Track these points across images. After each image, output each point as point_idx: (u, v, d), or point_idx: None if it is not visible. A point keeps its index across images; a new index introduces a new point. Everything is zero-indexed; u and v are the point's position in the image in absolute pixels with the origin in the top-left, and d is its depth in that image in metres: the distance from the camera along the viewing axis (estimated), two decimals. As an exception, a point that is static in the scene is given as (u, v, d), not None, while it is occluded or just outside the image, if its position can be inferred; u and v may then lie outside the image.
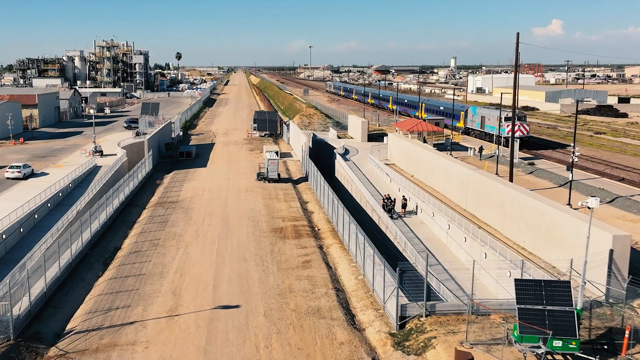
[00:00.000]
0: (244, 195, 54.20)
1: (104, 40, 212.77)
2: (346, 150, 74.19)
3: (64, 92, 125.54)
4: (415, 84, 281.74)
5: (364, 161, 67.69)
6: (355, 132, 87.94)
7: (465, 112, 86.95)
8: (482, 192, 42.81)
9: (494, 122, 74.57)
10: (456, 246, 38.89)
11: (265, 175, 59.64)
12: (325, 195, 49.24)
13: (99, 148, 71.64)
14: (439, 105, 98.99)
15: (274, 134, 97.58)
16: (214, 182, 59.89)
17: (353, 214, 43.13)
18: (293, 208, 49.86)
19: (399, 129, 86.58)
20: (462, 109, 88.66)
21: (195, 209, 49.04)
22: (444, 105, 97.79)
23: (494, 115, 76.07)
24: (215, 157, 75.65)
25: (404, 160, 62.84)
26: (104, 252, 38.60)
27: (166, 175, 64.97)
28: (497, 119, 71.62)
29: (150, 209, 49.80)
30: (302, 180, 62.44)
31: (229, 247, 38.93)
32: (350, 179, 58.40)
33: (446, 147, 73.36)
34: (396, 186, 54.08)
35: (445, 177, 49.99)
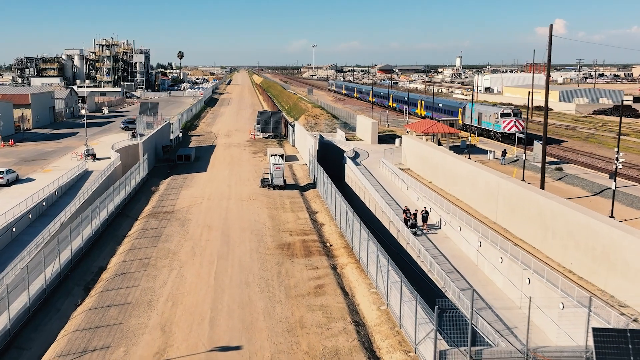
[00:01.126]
0: (246, 204, 49.27)
1: (104, 39, 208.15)
2: (356, 154, 69.24)
3: (59, 92, 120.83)
4: (420, 83, 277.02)
5: (376, 165, 62.73)
6: (365, 134, 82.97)
7: (463, 108, 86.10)
8: (516, 203, 37.78)
9: (490, 118, 75.21)
10: (490, 267, 33.89)
11: (270, 182, 54.73)
12: (336, 205, 44.28)
13: (91, 151, 66.84)
14: (438, 103, 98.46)
15: (278, 135, 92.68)
16: (214, 189, 54.99)
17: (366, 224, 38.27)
18: (301, 219, 44.88)
19: (411, 130, 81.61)
20: (460, 106, 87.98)
21: (192, 220, 44.11)
22: (443, 103, 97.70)
23: (490, 111, 76.90)
24: (216, 161, 70.75)
25: (420, 164, 57.85)
26: (87, 273, 33.70)
27: (163, 181, 60.08)
28: (493, 115, 73.61)
29: (143, 220, 44.90)
30: (310, 186, 57.48)
31: (229, 267, 33.99)
32: (363, 186, 53.44)
33: (463, 150, 68.45)
34: (414, 194, 49.10)
35: (471, 185, 44.96)
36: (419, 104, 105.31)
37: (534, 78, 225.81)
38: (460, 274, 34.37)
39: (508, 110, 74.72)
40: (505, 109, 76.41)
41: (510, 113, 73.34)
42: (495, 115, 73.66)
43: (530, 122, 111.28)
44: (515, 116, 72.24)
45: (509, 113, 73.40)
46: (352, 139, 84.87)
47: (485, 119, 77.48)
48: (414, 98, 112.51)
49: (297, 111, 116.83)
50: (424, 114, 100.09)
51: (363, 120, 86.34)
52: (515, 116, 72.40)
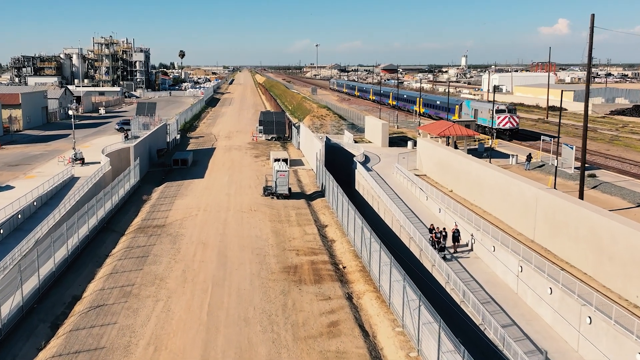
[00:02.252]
0: (247, 216, 43.98)
1: (102, 37, 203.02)
2: (366, 158, 63.92)
3: (53, 91, 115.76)
4: (426, 83, 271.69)
5: (389, 171, 57.44)
6: (374, 136, 77.64)
7: (459, 105, 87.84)
8: (561, 220, 32.42)
9: (485, 114, 76.46)
10: (534, 298, 28.55)
11: (273, 190, 49.46)
12: (348, 219, 38.97)
13: (80, 155, 61.66)
14: (436, 100, 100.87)
15: (281, 137, 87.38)
16: (211, 198, 49.71)
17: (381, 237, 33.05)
18: (309, 235, 39.58)
19: (424, 132, 76.26)
20: (457, 103, 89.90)
21: (185, 236, 38.83)
22: (440, 100, 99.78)
23: (485, 108, 78.02)
24: (214, 166, 65.48)
25: (439, 171, 52.53)
26: (57, 305, 28.45)
27: (156, 189, 54.84)
28: (488, 111, 74.49)
29: (130, 235, 39.64)
30: (318, 195, 52.16)
31: (225, 297, 28.72)
32: (376, 195, 48.13)
33: (481, 154, 63.11)
34: (434, 205, 43.78)
35: (502, 196, 39.59)
36: (417, 102, 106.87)
37: (543, 77, 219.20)
38: (497, 304, 29.06)
39: (503, 107, 75.67)
40: (500, 105, 77.33)
41: (505, 109, 74.61)
42: (490, 111, 73.88)
43: (545, 122, 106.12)
44: (509, 112, 73.88)
45: (503, 109, 74.52)
46: (360, 141, 79.58)
47: (481, 116, 78.72)
48: (412, 96, 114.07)
49: (302, 111, 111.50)
50: (422, 111, 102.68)
51: (372, 122, 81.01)
52: (510, 112, 73.98)
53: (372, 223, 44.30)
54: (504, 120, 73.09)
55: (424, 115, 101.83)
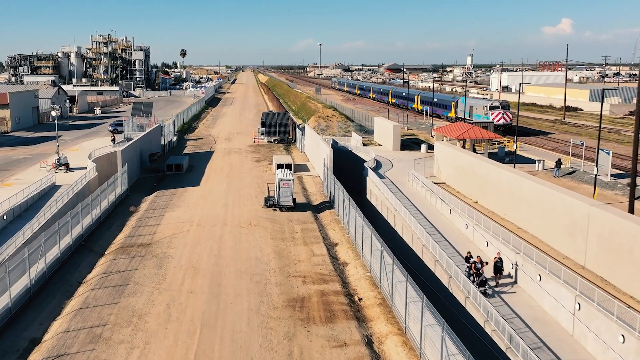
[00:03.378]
0: (246, 232, 38.53)
1: (101, 35, 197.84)
2: (378, 163, 58.45)
3: (45, 90, 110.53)
4: (431, 82, 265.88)
5: (404, 178, 51.97)
6: (385, 138, 72.15)
7: (455, 102, 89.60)
8: (622, 244, 26.92)
9: (480, 111, 78.91)
10: (598, 344, 23.07)
11: (276, 202, 44.00)
12: (363, 237, 33.50)
13: (64, 160, 56.29)
14: (434, 97, 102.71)
15: (285, 139, 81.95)
16: (206, 210, 44.28)
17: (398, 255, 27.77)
18: (317, 256, 34.11)
19: (439, 134, 70.74)
20: (453, 100, 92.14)
21: (173, 258, 33.41)
22: (438, 97, 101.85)
23: (480, 104, 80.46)
24: (212, 172, 60.05)
25: (461, 178, 47.03)
26: (8, 354, 23.02)
27: (145, 198, 49.46)
28: (482, 107, 77.84)
29: (110, 256, 34.24)
30: (325, 206, 46.67)
31: (216, 345, 23.25)
32: (392, 207, 42.64)
33: (503, 159, 57.64)
34: (460, 221, 38.28)
35: (542, 211, 34.05)
36: (416, 99, 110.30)
37: (553, 77, 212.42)
38: (551, 350, 23.60)
39: (496, 103, 77.95)
40: (494, 102, 79.79)
41: (498, 106, 76.82)
42: (485, 107, 77.40)
43: (563, 123, 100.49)
44: (503, 109, 75.85)
45: (497, 106, 76.82)
46: (369, 143, 74.10)
47: (475, 112, 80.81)
48: (411, 93, 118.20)
49: (306, 112, 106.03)
50: (420, 108, 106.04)
51: (382, 123, 75.50)
52: (503, 109, 75.96)
53: (385, 236, 38.87)
54: (497, 116, 75.06)
55: (421, 112, 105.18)
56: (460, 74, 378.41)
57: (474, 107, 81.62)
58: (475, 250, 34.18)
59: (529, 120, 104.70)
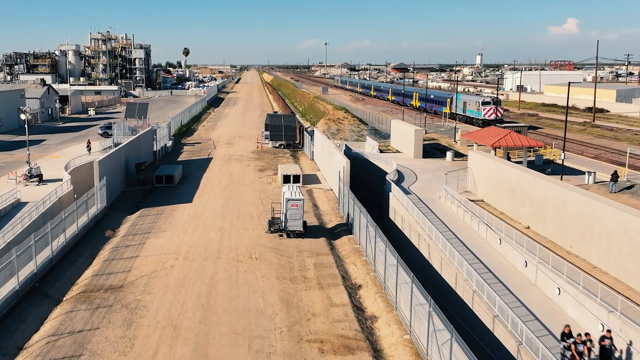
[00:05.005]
0: (245, 269, 30.55)
1: (100, 33, 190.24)
2: (400, 175, 50.43)
3: (34, 90, 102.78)
4: (441, 82, 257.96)
5: (433, 194, 43.95)
6: (404, 144, 64.12)
7: (451, 99, 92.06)
8: None
9: (473, 106, 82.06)
10: None
11: (283, 226, 35.99)
12: (397, 280, 25.48)
13: (36, 171, 48.57)
14: (430, 94, 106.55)
15: (291, 144, 73.99)
16: (197, 236, 36.31)
17: (432, 292, 19.90)
18: (337, 307, 26.09)
19: (467, 140, 62.67)
20: (448, 97, 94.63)
21: (149, 310, 25.45)
22: (434, 94, 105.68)
23: (473, 100, 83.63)
24: (208, 184, 52.11)
25: (506, 197, 38.91)
26: None
27: (127, 218, 41.54)
28: (475, 103, 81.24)
29: (67, 306, 26.31)
30: (342, 229, 38.61)
31: None
32: (426, 233, 34.62)
33: (543, 169, 49.56)
34: (515, 255, 30.25)
35: (630, 248, 25.93)
36: (414, 96, 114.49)
37: (570, 76, 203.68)
38: None
39: (488, 99, 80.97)
40: (486, 98, 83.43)
41: (490, 102, 79.69)
42: (477, 103, 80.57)
43: (594, 126, 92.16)
44: (494, 104, 78.73)
45: (489, 102, 79.69)
46: (386, 150, 66.15)
47: (469, 108, 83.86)
48: (409, 91, 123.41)
49: (314, 113, 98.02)
50: (418, 105, 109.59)
51: (400, 127, 67.41)
52: (495, 104, 78.83)
53: (415, 266, 30.99)
54: (489, 112, 78.04)
55: (419, 109, 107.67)
56: (469, 73, 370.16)
57: (468, 103, 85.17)
58: (542, 299, 26.16)
59: (556, 123, 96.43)
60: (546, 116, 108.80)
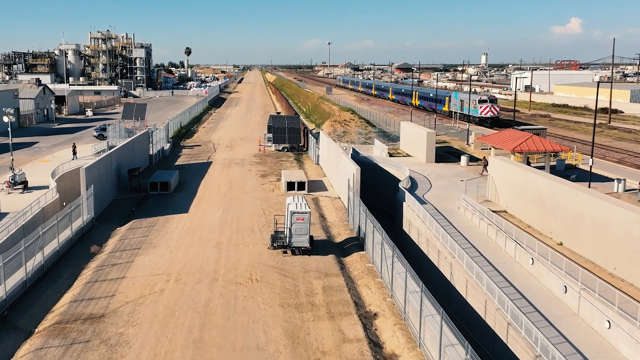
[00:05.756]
0: (244, 294, 26.91)
1: (99, 32, 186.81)
2: (413, 182, 46.75)
3: (28, 90, 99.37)
4: (446, 81, 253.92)
5: (450, 203, 40.27)
6: (415, 148, 60.44)
7: (449, 97, 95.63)
8: None
9: (470, 104, 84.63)
10: None
11: (287, 242, 32.32)
12: (421, 313, 21.84)
13: (20, 177, 44.98)
14: (429, 93, 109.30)
15: (295, 147, 70.36)
16: (192, 253, 32.69)
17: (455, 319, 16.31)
18: (351, 344, 22.42)
19: (484, 144, 58.97)
20: (446, 95, 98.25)
21: (131, 347, 21.82)
22: (433, 92, 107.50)
23: (470, 99, 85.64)
24: (206, 191, 48.49)
25: (534, 209, 35.18)
26: None
27: (117, 230, 37.94)
28: (472, 101, 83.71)
29: (37, 341, 22.70)
30: (352, 244, 34.93)
31: None
32: (448, 251, 30.97)
33: (567, 175, 45.88)
34: (551, 278, 26.58)
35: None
36: (414, 95, 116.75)
37: (579, 76, 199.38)
38: None
39: (485, 98, 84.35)
40: (482, 96, 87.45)
41: (486, 100, 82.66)
42: (474, 102, 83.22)
43: (611, 128, 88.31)
44: (491, 102, 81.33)
45: (485, 100, 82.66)
46: (395, 154, 62.51)
47: (466, 106, 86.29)
48: (409, 90, 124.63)
49: (319, 114, 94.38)
50: (418, 103, 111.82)
51: (411, 129, 63.70)
52: (491, 102, 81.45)
53: (434, 286, 27.40)
54: (485, 109, 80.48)
55: (419, 107, 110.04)
56: (475, 72, 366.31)
57: (465, 101, 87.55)
58: (588, 333, 22.46)
59: (571, 124, 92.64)
60: (559, 117, 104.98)
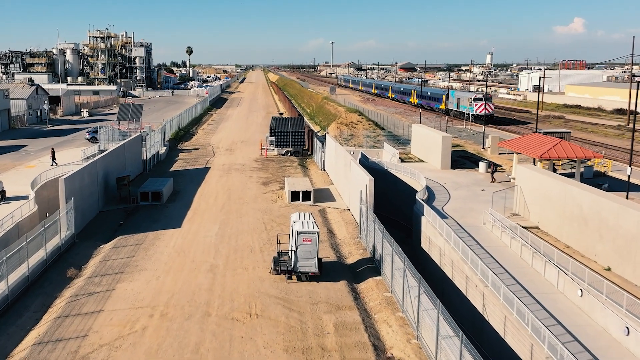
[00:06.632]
0: (240, 334, 22.61)
1: (98, 30, 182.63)
2: (430, 192, 42.41)
3: (20, 90, 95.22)
4: (451, 81, 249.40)
5: (473, 217, 35.96)
6: (428, 153, 56.13)
7: (446, 95, 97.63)
8: None
9: (466, 102, 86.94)
10: None
11: (292, 267, 27.99)
12: None
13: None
14: (427, 92, 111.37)
15: (299, 151, 66.10)
16: (182, 279, 28.39)
17: None
18: (371, 405, 18.12)
19: (504, 148, 54.67)
20: (443, 93, 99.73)
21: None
22: (431, 91, 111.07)
23: (466, 97, 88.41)
24: (202, 202, 44.19)
25: (574, 227, 30.80)
26: None
27: (100, 248, 33.68)
28: (468, 99, 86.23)
29: (-13, 399, 18.54)
30: (366, 267, 30.58)
31: None
32: (479, 278, 26.66)
33: (600, 185, 41.54)
34: (605, 315, 22.28)
35: None
36: (412, 94, 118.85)
37: (590, 76, 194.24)
38: None
39: (480, 96, 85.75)
40: (478, 94, 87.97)
41: (481, 98, 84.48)
42: (469, 99, 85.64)
43: (630, 130, 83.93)
44: (486, 100, 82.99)
45: (480, 98, 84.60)
46: (407, 159, 58.22)
47: (462, 104, 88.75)
48: (407, 88, 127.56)
49: (324, 116, 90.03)
50: (416, 102, 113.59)
51: (424, 132, 59.36)
52: (486, 100, 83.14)
53: (459, 314, 23.20)
54: (480, 107, 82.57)
55: (417, 105, 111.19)
56: (480, 72, 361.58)
57: (461, 99, 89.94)
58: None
59: (588, 126, 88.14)
60: (573, 118, 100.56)
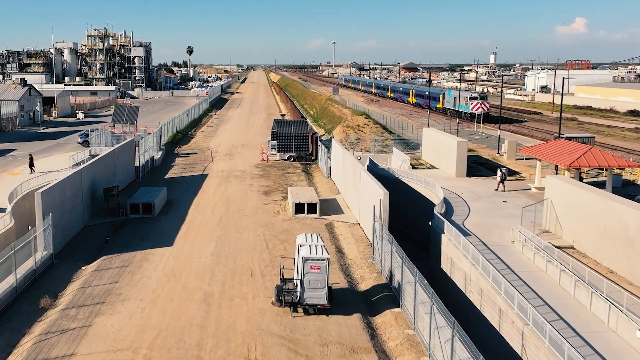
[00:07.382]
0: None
1: (96, 29, 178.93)
2: (447, 204, 38.58)
3: (12, 91, 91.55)
4: (455, 81, 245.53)
5: (498, 235, 32.16)
6: (442, 159, 52.33)
7: (443, 95, 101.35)
8: None
9: (462, 101, 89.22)
10: None
11: (298, 298, 24.21)
12: None
13: (-29, 199, 37.06)
14: (424, 91, 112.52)
15: (303, 156, 62.33)
16: (170, 312, 24.58)
17: None
18: None
19: (531, 156, 50.81)
20: (440, 92, 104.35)
21: None
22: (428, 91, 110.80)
23: (462, 96, 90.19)
24: (198, 215, 40.38)
25: (616, 248, 26.97)
26: None
27: (81, 270, 29.90)
28: (464, 98, 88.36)
29: None
30: (382, 295, 26.76)
31: None
32: (515, 314, 22.86)
33: (632, 195, 37.76)
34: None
35: None
36: (411, 93, 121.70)
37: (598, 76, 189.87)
38: None
39: (475, 94, 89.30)
40: (473, 93, 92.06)
41: (477, 96, 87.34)
42: (465, 98, 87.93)
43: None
44: (481, 99, 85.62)
45: (476, 96, 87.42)
46: (418, 165, 54.45)
47: (459, 102, 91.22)
48: (406, 88, 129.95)
49: (328, 118, 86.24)
50: (414, 101, 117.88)
51: (436, 136, 55.55)
52: (482, 99, 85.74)
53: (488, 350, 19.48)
54: (476, 106, 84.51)
55: (416, 104, 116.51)
56: (483, 72, 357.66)
57: (457, 98, 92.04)
58: None
59: (603, 129, 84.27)
60: (586, 120, 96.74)
